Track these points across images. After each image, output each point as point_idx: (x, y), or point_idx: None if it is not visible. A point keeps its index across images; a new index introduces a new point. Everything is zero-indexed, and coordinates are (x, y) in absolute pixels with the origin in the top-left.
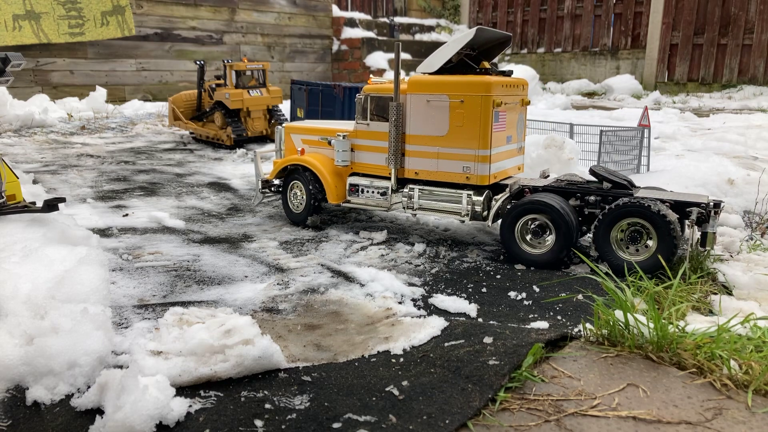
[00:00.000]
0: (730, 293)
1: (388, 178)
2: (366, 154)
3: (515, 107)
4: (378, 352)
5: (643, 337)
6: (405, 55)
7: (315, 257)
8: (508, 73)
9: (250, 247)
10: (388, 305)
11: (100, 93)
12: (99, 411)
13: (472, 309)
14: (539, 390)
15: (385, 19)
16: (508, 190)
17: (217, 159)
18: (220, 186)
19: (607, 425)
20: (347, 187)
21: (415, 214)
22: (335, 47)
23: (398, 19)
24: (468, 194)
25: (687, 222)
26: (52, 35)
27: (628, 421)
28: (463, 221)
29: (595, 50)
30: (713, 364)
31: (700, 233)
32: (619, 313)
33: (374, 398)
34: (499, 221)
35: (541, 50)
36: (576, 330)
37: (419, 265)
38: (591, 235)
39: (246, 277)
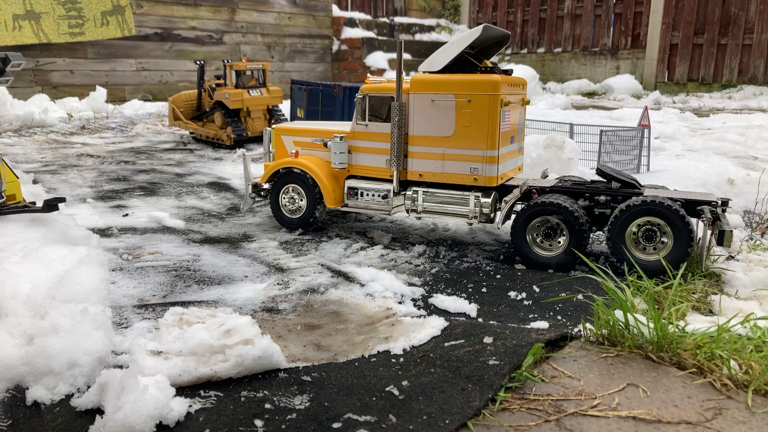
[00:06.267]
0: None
1: (389, 181)
2: (365, 156)
3: (517, 107)
4: (378, 352)
5: (643, 337)
6: (405, 55)
7: (315, 257)
8: (509, 72)
9: (250, 247)
10: (388, 305)
11: (100, 93)
12: (99, 411)
13: (472, 309)
14: (539, 390)
15: (385, 19)
16: (518, 191)
17: (217, 159)
18: (220, 186)
19: (607, 425)
20: (345, 191)
21: (420, 217)
22: (335, 47)
23: (398, 19)
24: (476, 196)
25: (701, 220)
26: (52, 35)
27: (628, 421)
28: (471, 224)
29: (595, 50)
30: (713, 364)
31: (717, 232)
32: (619, 313)
33: (374, 398)
34: (508, 222)
35: (541, 50)
36: (576, 330)
37: (419, 265)
38: (606, 235)
39: (246, 277)
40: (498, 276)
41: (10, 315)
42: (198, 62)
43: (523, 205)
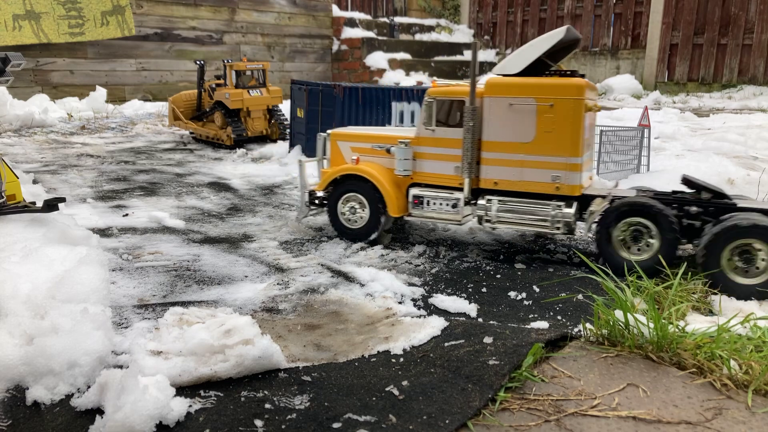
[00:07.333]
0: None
1: (456, 189)
2: (431, 163)
3: (592, 113)
4: (378, 352)
5: (643, 337)
6: (405, 55)
7: (315, 257)
8: (583, 77)
9: (250, 247)
10: (388, 305)
11: (100, 93)
12: (99, 411)
13: (472, 309)
14: (539, 390)
15: (385, 19)
16: (604, 200)
17: (217, 159)
18: (220, 186)
19: (607, 425)
20: (410, 199)
21: (494, 228)
22: (335, 47)
23: (398, 19)
24: (557, 206)
25: None
26: (52, 35)
27: (628, 421)
28: (553, 235)
29: (595, 50)
30: (713, 364)
31: None
32: (619, 313)
33: (374, 398)
34: (591, 231)
35: None
36: (576, 330)
37: (419, 265)
38: (702, 251)
39: (246, 277)
40: (498, 276)
41: (10, 315)
42: (198, 62)
43: (608, 206)
